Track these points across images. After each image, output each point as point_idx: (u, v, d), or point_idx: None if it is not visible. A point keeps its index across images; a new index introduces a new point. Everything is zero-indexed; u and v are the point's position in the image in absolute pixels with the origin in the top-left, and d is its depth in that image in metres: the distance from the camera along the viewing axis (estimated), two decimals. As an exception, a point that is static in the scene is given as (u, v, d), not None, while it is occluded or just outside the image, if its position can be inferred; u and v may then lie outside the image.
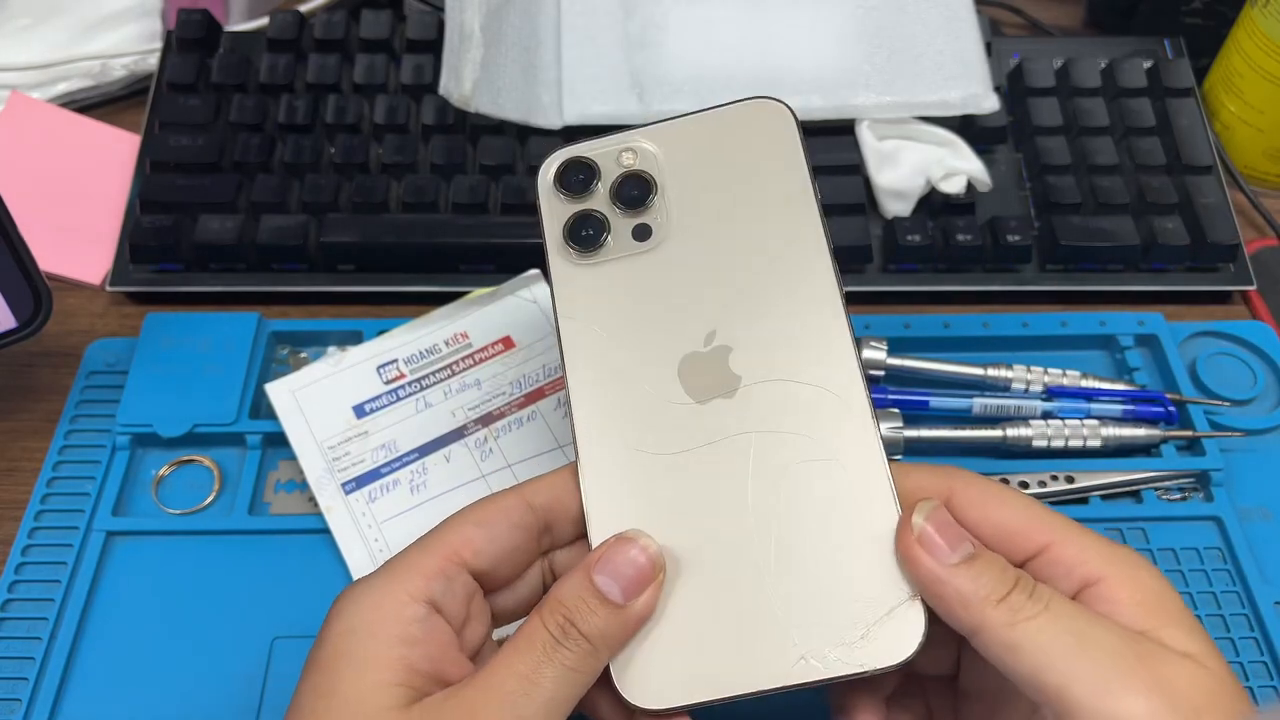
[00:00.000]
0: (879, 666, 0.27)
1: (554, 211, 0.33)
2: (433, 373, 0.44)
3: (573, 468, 0.30)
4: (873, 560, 0.28)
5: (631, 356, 0.31)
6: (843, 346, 0.30)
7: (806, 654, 0.28)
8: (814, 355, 0.30)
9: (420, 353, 0.45)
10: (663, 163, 0.33)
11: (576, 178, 0.33)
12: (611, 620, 0.27)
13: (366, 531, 0.41)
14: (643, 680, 0.28)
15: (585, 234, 0.32)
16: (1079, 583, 0.27)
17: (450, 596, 0.28)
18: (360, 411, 0.43)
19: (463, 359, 0.45)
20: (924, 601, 0.28)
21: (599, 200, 0.33)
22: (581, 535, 0.30)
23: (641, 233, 0.32)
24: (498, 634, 0.31)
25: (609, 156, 0.33)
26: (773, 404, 0.30)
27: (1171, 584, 0.28)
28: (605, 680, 0.28)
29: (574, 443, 0.30)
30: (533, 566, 0.31)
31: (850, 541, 0.28)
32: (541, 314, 0.46)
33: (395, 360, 0.45)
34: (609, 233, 0.32)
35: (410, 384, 0.44)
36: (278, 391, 0.44)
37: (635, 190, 0.33)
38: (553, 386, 0.44)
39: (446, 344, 0.45)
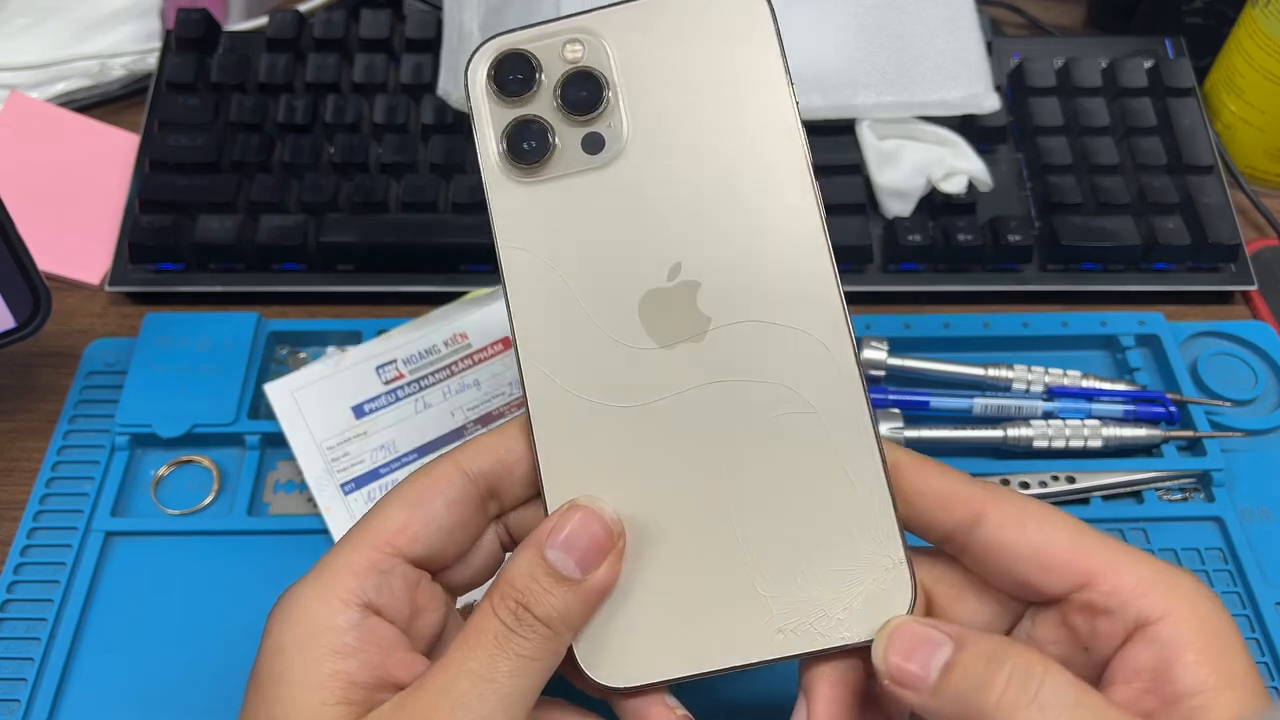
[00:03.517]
0: (862, 640, 0.26)
1: (488, 118, 0.28)
2: (432, 373, 0.44)
3: (519, 425, 0.27)
4: (855, 525, 0.26)
5: (585, 293, 0.27)
6: (824, 283, 0.27)
7: (785, 626, 0.26)
8: (792, 293, 0.27)
9: (419, 353, 0.45)
10: (615, 56, 0.28)
11: (514, 77, 0.28)
12: (570, 598, 0.25)
13: (366, 532, 0.41)
14: (609, 657, 0.26)
15: (527, 146, 0.28)
16: (1134, 620, 0.25)
17: (388, 592, 0.26)
18: (359, 412, 0.43)
19: (462, 359, 0.45)
20: (910, 570, 0.26)
21: (542, 104, 0.28)
22: (535, 495, 0.28)
23: (593, 143, 0.28)
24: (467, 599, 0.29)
25: (551, 49, 0.28)
26: (746, 349, 0.27)
27: (1233, 620, 0.25)
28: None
29: (524, 396, 0.27)
30: (486, 533, 0.28)
31: (832, 504, 0.26)
32: None
33: (394, 361, 0.44)
34: (555, 144, 0.28)
35: (409, 384, 0.44)
36: (277, 392, 0.44)
37: (584, 91, 0.28)
38: None
39: (445, 344, 0.45)
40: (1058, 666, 0.23)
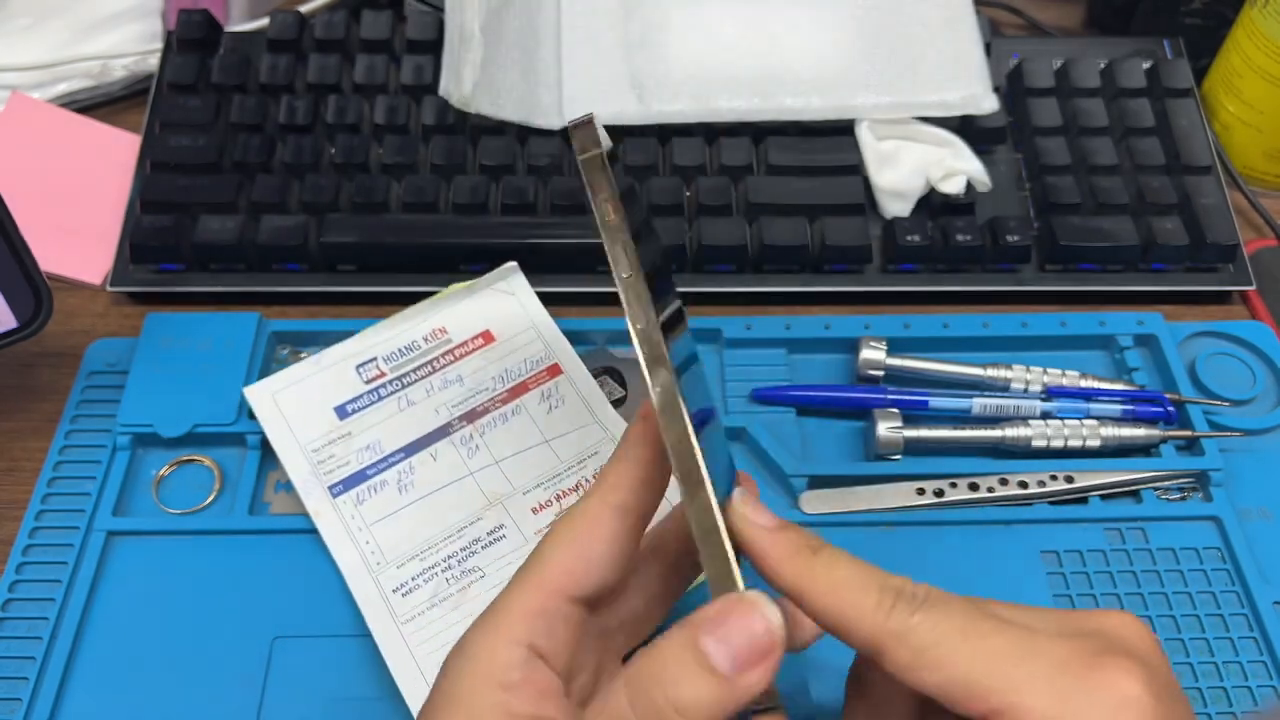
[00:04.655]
0: None
1: None
2: (413, 370, 0.44)
3: (641, 450, 0.29)
4: None
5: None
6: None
7: None
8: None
9: (399, 350, 0.45)
10: None
11: None
12: (709, 691, 0.24)
13: (357, 534, 0.41)
14: None
15: None
16: None
17: (552, 637, 0.27)
18: (342, 412, 0.43)
19: (443, 355, 0.45)
20: None
21: None
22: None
23: None
24: None
25: None
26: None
27: None
28: None
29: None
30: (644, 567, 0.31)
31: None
32: (520, 306, 0.46)
33: (375, 359, 0.44)
34: None
35: (391, 382, 0.44)
36: (257, 395, 0.43)
37: None
38: (535, 380, 0.44)
39: (425, 340, 0.45)
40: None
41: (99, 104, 0.57)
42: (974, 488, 0.43)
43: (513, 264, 0.47)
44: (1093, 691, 0.24)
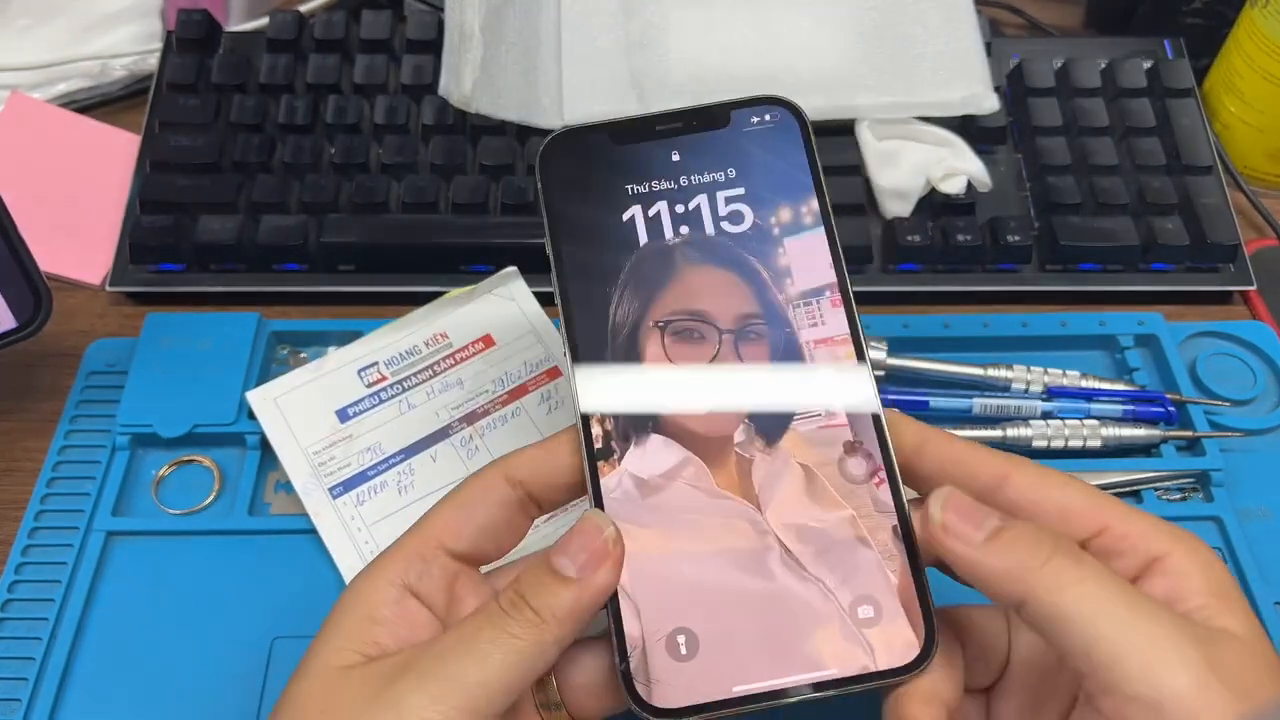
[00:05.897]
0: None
1: None
2: (414, 374, 0.44)
3: (566, 443, 0.30)
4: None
5: None
6: None
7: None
8: None
9: (400, 354, 0.45)
10: None
11: None
12: (562, 593, 0.27)
13: (357, 534, 0.41)
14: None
15: None
16: (1145, 558, 0.27)
17: (426, 579, 0.29)
18: (344, 416, 0.43)
19: (443, 359, 0.45)
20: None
21: None
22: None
23: None
24: None
25: None
26: None
27: (1222, 561, 0.28)
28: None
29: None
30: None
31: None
32: (519, 311, 0.46)
33: (376, 363, 0.44)
34: None
35: (392, 386, 0.44)
36: (259, 399, 0.43)
37: None
38: (535, 382, 0.44)
39: (426, 345, 0.45)
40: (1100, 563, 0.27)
41: (98, 104, 0.57)
42: (974, 488, 0.43)
43: (513, 269, 0.47)
44: (1175, 531, 0.28)
